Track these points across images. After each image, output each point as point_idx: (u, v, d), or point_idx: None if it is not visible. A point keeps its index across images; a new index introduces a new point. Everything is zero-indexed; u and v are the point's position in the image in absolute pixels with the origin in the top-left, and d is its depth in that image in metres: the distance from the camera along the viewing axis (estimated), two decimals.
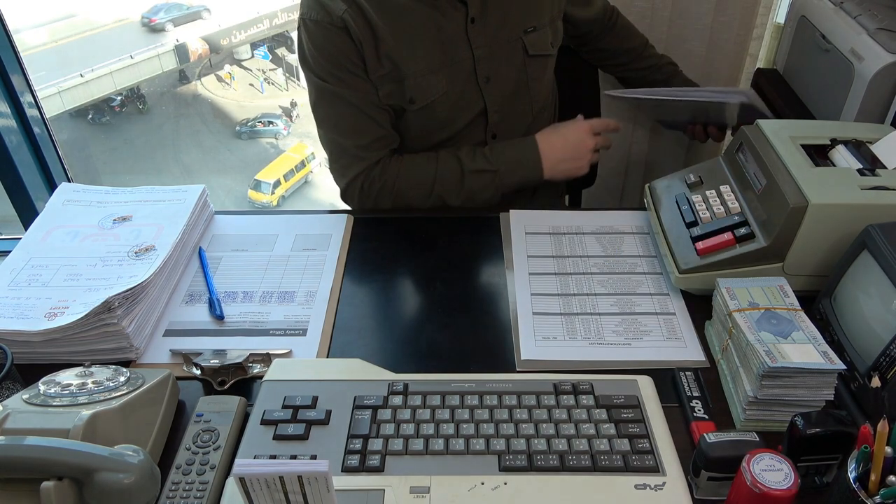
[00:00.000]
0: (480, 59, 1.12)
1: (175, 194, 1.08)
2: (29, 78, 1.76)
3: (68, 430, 0.65)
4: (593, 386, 0.77)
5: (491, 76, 1.14)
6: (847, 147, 0.96)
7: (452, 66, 1.11)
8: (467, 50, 1.11)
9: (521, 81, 1.18)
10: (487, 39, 1.11)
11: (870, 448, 0.59)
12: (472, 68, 1.12)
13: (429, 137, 1.18)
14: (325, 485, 0.57)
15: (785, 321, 0.77)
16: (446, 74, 1.11)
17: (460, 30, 1.09)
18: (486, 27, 1.11)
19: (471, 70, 1.12)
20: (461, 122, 1.17)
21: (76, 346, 0.84)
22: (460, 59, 1.11)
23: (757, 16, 1.55)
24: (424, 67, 1.09)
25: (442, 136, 1.18)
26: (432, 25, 1.08)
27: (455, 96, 1.13)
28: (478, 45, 1.11)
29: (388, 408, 0.76)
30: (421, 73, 1.09)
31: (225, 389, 0.82)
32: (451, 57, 1.10)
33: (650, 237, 1.07)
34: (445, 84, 1.11)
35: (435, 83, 1.10)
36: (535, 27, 1.15)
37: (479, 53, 1.11)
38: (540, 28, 1.16)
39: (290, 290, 0.98)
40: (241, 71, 10.59)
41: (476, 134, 1.19)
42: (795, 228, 0.86)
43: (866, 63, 1.17)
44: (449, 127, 1.17)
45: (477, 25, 1.10)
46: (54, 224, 1.02)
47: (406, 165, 1.14)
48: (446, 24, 1.08)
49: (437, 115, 1.14)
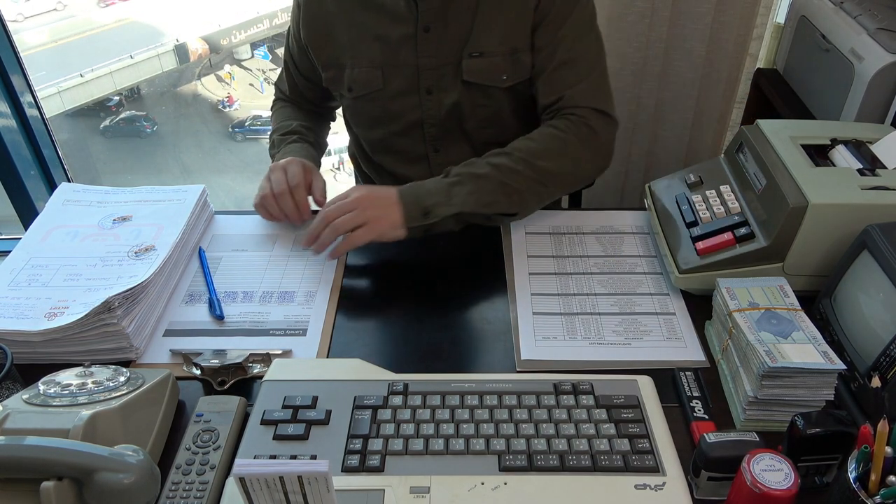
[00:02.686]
0: (425, 69, 1.09)
1: (175, 194, 1.08)
2: (29, 78, 1.76)
3: (68, 430, 0.65)
4: (593, 386, 0.77)
5: (434, 90, 1.10)
6: (847, 147, 0.96)
7: (394, 68, 1.10)
8: (413, 56, 1.08)
9: (462, 105, 1.12)
10: (436, 52, 1.08)
11: (870, 448, 0.59)
12: (415, 76, 1.10)
13: (367, 132, 1.21)
14: (325, 485, 0.57)
15: (785, 321, 0.77)
16: (386, 73, 1.10)
17: (410, 34, 1.07)
18: (438, 39, 1.07)
19: (412, 77, 1.10)
20: (396, 126, 1.16)
21: (76, 346, 0.84)
22: (403, 63, 1.09)
23: (757, 16, 1.55)
24: (366, 60, 1.10)
25: (379, 134, 1.18)
26: (385, 23, 1.08)
27: (391, 96, 1.12)
28: (425, 55, 1.08)
29: (388, 408, 0.76)
30: (360, 65, 1.11)
31: (225, 389, 0.81)
32: (394, 57, 1.09)
33: (650, 237, 1.07)
34: (381, 81, 1.11)
35: (372, 78, 1.11)
36: (480, 53, 1.07)
37: (425, 63, 1.08)
38: (488, 56, 1.07)
39: (290, 290, 0.98)
40: (241, 71, 10.59)
41: (416, 144, 1.17)
42: (795, 228, 0.86)
43: (866, 63, 1.17)
44: (383, 126, 1.17)
45: (431, 34, 1.06)
46: (54, 224, 1.02)
47: (276, 111, 1.29)
48: (398, 26, 1.07)
49: (371, 111, 1.15)
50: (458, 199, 0.99)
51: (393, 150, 1.20)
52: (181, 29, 10.00)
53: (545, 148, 1.05)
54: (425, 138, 1.16)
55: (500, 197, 1.02)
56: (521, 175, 1.02)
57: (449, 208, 0.99)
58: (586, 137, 1.07)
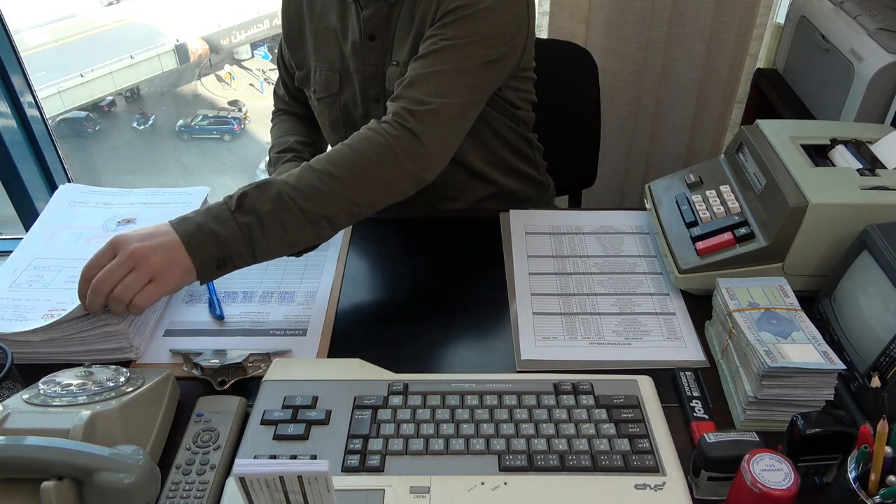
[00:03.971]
0: (371, 77, 1.08)
1: (180, 196, 1.08)
2: (29, 78, 1.77)
3: (68, 430, 0.65)
4: (593, 386, 0.77)
5: (381, 98, 1.09)
6: (847, 147, 0.96)
7: (348, 73, 1.10)
8: (361, 63, 1.07)
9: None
10: (381, 60, 1.06)
11: (870, 448, 0.59)
12: (363, 84, 1.09)
13: (330, 136, 1.19)
14: (325, 485, 0.57)
15: (785, 321, 0.77)
16: (343, 78, 1.10)
17: (357, 41, 1.06)
18: (382, 48, 1.05)
19: (362, 85, 1.09)
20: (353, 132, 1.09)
21: (76, 346, 0.84)
22: (354, 70, 1.09)
23: (757, 16, 1.55)
24: (326, 64, 1.11)
25: (339, 138, 1.13)
26: (343, 28, 1.07)
27: (345, 102, 1.12)
28: (370, 63, 1.07)
29: (388, 408, 0.76)
30: (321, 68, 1.12)
31: (225, 389, 0.81)
32: (347, 63, 1.09)
33: (650, 237, 1.07)
34: (338, 86, 1.11)
35: (331, 81, 1.11)
36: (397, 62, 1.04)
37: (370, 71, 1.07)
38: (401, 65, 1.03)
39: (290, 290, 0.98)
40: (241, 71, 10.58)
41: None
42: (795, 228, 0.86)
43: (866, 63, 1.17)
44: (341, 131, 1.15)
45: (376, 42, 1.05)
46: (57, 225, 1.02)
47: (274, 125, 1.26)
48: (351, 32, 1.07)
49: (331, 115, 1.15)
50: (263, 248, 0.84)
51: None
52: (181, 29, 9.99)
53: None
54: None
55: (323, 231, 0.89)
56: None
57: (250, 259, 0.85)
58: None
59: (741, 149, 1.00)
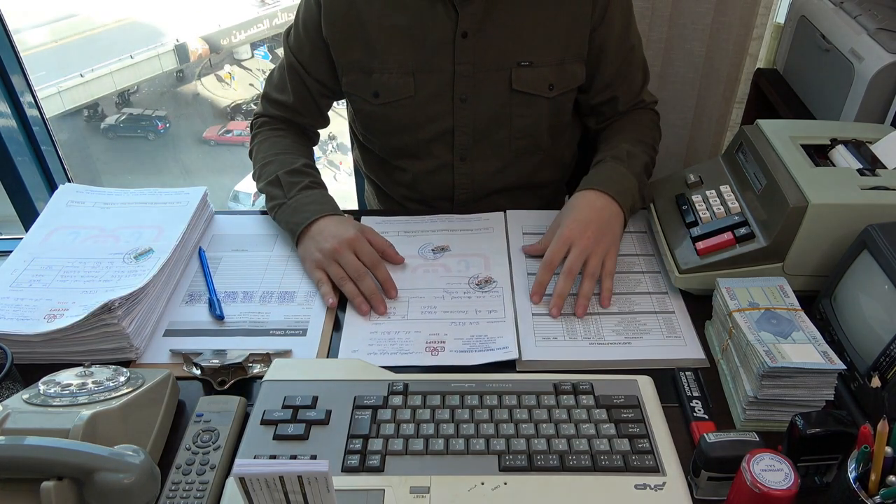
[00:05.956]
0: (461, 76, 1.06)
1: (177, 196, 1.08)
2: (29, 78, 1.76)
3: (68, 430, 0.65)
4: (593, 386, 0.77)
5: (468, 97, 1.08)
6: (847, 147, 0.96)
7: (427, 74, 1.07)
8: (449, 62, 1.05)
9: (502, 115, 1.10)
10: (475, 59, 1.05)
11: (870, 448, 0.59)
12: (450, 82, 1.07)
13: (389, 139, 1.16)
14: (325, 485, 0.57)
15: (785, 321, 0.77)
16: (418, 80, 1.07)
17: (447, 40, 1.04)
18: (477, 46, 1.05)
19: (447, 84, 1.07)
20: (424, 134, 1.12)
21: (76, 346, 0.84)
22: (438, 69, 1.06)
23: (757, 16, 1.55)
24: (395, 65, 1.07)
25: (403, 142, 1.14)
26: (420, 26, 1.04)
27: (421, 104, 1.09)
28: (462, 62, 1.05)
29: (388, 408, 0.76)
30: (389, 70, 1.07)
31: (225, 389, 0.81)
32: (428, 63, 1.06)
33: (650, 237, 1.07)
34: (413, 88, 1.08)
35: (403, 84, 1.07)
36: (530, 62, 1.07)
37: (461, 70, 1.06)
38: (538, 66, 1.07)
39: (290, 290, 0.98)
40: (241, 71, 10.58)
41: (442, 152, 1.14)
42: (795, 228, 0.86)
43: (866, 63, 1.17)
44: (410, 133, 1.13)
45: (469, 41, 1.04)
46: (56, 225, 1.02)
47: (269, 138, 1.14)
48: (434, 30, 1.04)
49: (399, 118, 1.11)
50: (640, 195, 1.06)
51: (416, 158, 1.16)
52: (181, 29, 9.99)
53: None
54: (454, 147, 1.14)
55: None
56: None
57: (638, 202, 1.06)
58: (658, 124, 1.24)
59: (741, 149, 1.00)
